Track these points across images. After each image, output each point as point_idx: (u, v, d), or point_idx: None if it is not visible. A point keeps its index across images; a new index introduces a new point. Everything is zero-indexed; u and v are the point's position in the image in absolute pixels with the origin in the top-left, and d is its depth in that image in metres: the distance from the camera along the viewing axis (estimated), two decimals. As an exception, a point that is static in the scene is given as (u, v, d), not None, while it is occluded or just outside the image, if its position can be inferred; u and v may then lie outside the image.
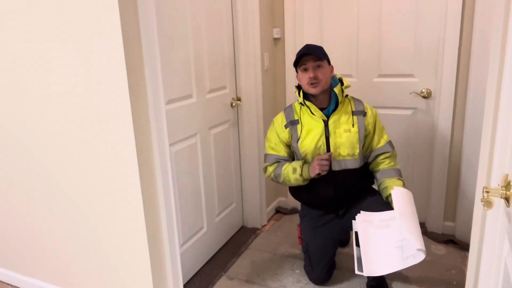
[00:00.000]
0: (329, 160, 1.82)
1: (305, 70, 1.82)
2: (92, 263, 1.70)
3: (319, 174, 1.81)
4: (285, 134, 1.94)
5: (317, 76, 1.80)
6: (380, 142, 1.91)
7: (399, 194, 1.76)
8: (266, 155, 2.02)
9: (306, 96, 1.90)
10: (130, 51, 1.32)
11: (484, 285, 1.14)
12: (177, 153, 1.94)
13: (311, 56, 1.80)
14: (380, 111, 2.45)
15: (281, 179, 1.93)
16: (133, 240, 1.53)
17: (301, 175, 1.85)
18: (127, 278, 1.62)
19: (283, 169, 1.92)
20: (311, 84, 1.81)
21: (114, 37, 1.30)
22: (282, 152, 1.96)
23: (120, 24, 1.27)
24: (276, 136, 1.96)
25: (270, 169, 1.98)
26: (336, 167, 1.88)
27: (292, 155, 2.00)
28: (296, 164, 1.89)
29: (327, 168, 1.81)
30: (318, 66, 1.81)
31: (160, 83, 1.46)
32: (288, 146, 1.97)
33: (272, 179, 1.99)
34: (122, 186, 1.48)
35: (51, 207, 1.71)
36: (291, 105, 1.99)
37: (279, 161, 1.97)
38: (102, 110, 1.41)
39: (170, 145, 1.84)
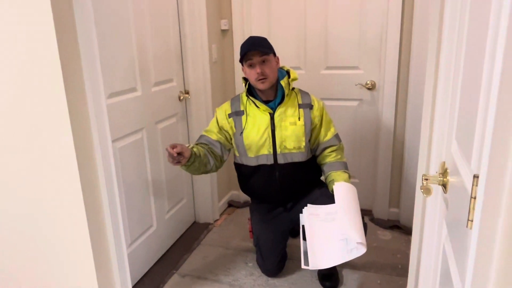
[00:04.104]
0: (171, 153, 1.64)
1: (251, 65, 1.78)
2: (31, 268, 1.58)
3: (178, 162, 1.69)
4: (226, 122, 1.89)
5: (264, 72, 1.76)
6: (327, 135, 1.91)
7: (340, 189, 1.77)
8: (200, 136, 1.96)
9: (252, 89, 1.88)
10: (64, 41, 1.23)
11: (426, 268, 1.19)
12: (122, 149, 1.85)
13: (257, 51, 1.76)
14: (327, 102, 2.50)
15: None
16: (75, 244, 1.44)
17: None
18: (70, 283, 1.53)
19: None
20: (259, 80, 1.78)
21: (45, 26, 1.20)
22: (213, 135, 1.90)
23: (52, 11, 1.18)
24: (215, 121, 1.91)
25: None
26: (281, 160, 1.88)
27: (224, 143, 1.92)
28: None
29: (171, 160, 1.68)
30: (264, 61, 1.77)
31: (99, 75, 1.37)
32: (226, 132, 1.91)
33: None
34: (61, 187, 1.38)
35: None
36: (239, 95, 1.96)
37: (205, 143, 1.90)
38: (35, 107, 1.30)
39: (114, 141, 1.76)
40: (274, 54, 1.85)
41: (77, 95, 1.30)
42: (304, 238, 1.70)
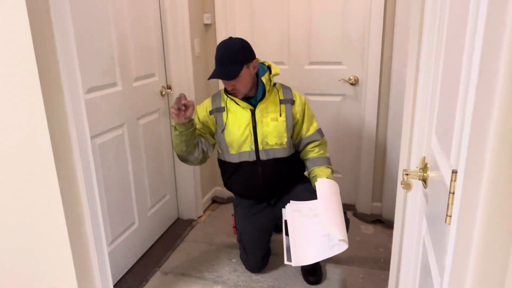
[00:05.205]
0: (179, 104, 1.67)
1: None
2: (7, 268, 1.54)
3: (177, 117, 1.69)
4: (208, 119, 1.88)
5: (235, 88, 1.77)
6: (309, 130, 1.91)
7: (323, 186, 1.77)
8: None
9: None
10: (39, 33, 1.19)
11: (407, 262, 1.20)
12: (102, 145, 1.81)
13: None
14: (311, 98, 2.51)
15: (174, 147, 1.84)
16: (53, 243, 1.41)
17: (174, 127, 1.76)
18: (48, 283, 1.49)
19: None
20: (232, 92, 1.79)
21: (18, 16, 1.15)
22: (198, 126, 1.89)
23: (25, 1, 1.14)
24: (196, 118, 1.89)
25: None
26: (264, 157, 1.87)
27: (207, 138, 1.91)
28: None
29: (176, 112, 1.68)
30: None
31: (76, 69, 1.33)
32: (209, 129, 1.90)
33: (177, 154, 1.89)
34: (38, 185, 1.34)
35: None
36: (219, 91, 1.93)
37: None
38: (9, 101, 1.26)
39: (93, 137, 1.72)
40: (250, 60, 1.78)
41: (53, 89, 1.26)
42: (287, 234, 1.69)
